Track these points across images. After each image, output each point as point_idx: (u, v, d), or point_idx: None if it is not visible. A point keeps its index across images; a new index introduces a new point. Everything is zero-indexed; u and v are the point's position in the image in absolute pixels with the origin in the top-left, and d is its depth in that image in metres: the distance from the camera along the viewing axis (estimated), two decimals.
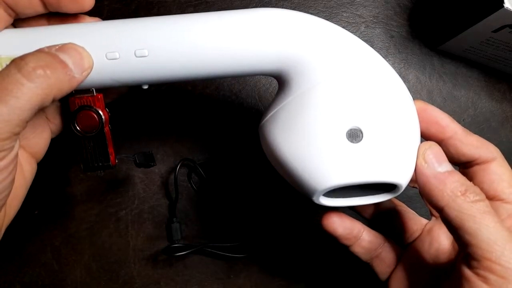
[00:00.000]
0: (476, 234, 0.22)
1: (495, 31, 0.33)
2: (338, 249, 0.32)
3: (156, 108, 0.38)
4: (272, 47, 0.25)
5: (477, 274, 0.22)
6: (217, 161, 0.38)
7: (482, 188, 0.25)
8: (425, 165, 0.24)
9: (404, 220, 0.31)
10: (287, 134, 0.25)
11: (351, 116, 0.24)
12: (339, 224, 0.29)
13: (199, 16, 0.25)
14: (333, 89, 0.25)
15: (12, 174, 0.23)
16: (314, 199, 0.25)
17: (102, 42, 0.24)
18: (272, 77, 0.28)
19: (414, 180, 0.25)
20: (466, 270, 0.23)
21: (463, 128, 0.27)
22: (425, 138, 0.27)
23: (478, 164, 0.27)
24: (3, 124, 0.21)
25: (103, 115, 0.27)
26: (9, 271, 0.36)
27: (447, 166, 0.24)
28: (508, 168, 0.26)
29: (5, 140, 0.21)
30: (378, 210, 0.32)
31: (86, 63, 0.24)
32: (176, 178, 0.36)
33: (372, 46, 0.34)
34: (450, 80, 0.39)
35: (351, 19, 0.40)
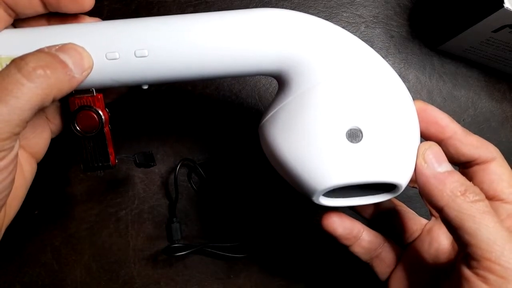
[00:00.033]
0: (476, 234, 0.22)
1: (495, 31, 0.33)
2: (338, 249, 0.32)
3: (156, 108, 0.38)
4: (272, 47, 0.25)
5: (477, 274, 0.22)
6: (217, 161, 0.38)
7: (482, 188, 0.25)
8: (425, 165, 0.24)
9: (404, 220, 0.31)
10: (287, 134, 0.25)
11: (351, 116, 0.24)
12: (339, 224, 0.29)
13: (199, 16, 0.26)
14: (333, 89, 0.25)
15: (12, 174, 0.23)
16: (314, 199, 0.25)
17: (102, 42, 0.24)
18: (272, 77, 0.28)
19: (414, 180, 0.25)
20: (466, 270, 0.23)
21: (463, 128, 0.27)
22: (425, 138, 0.27)
23: (478, 164, 0.27)
24: (3, 124, 0.21)
25: (103, 115, 0.27)
26: (9, 271, 0.36)
27: (447, 166, 0.24)
28: (508, 168, 0.26)
29: (5, 140, 0.21)
30: (378, 210, 0.32)
31: (86, 63, 0.24)
32: (176, 178, 0.36)
33: (372, 46, 0.34)
34: (450, 80, 0.39)
35: (351, 19, 0.40)
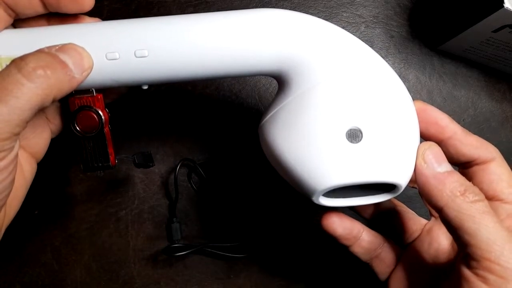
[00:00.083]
0: (475, 234, 0.22)
1: (495, 31, 0.33)
2: (338, 249, 0.32)
3: (156, 108, 0.38)
4: (272, 48, 0.25)
5: (477, 274, 0.22)
6: (217, 161, 0.38)
7: (482, 188, 0.25)
8: (425, 165, 0.24)
9: (404, 220, 0.31)
10: (287, 134, 0.25)
11: (351, 117, 0.24)
12: (339, 224, 0.29)
13: (199, 17, 0.26)
14: (333, 90, 0.25)
15: (12, 174, 0.23)
16: (314, 199, 0.25)
17: (102, 43, 0.24)
18: (272, 77, 0.28)
19: (414, 180, 0.25)
20: (466, 270, 0.23)
21: (463, 129, 0.27)
22: (425, 139, 0.27)
23: (478, 164, 0.27)
24: (3, 124, 0.21)
25: (103, 116, 0.27)
26: (9, 271, 0.36)
27: (447, 166, 0.24)
28: (507, 168, 0.26)
29: (5, 140, 0.21)
30: (378, 210, 0.32)
31: (86, 64, 0.24)
32: (176, 178, 0.36)
33: (372, 46, 0.34)
34: (450, 80, 0.39)
35: (351, 19, 0.40)
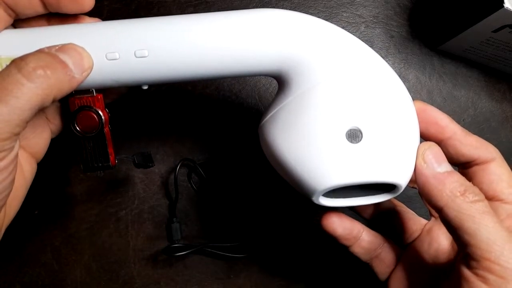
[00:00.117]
0: (475, 234, 0.22)
1: (495, 31, 0.33)
2: (338, 249, 0.32)
3: (156, 108, 0.38)
4: (272, 48, 0.25)
5: (476, 274, 0.22)
6: (217, 161, 0.38)
7: (481, 189, 0.25)
8: (425, 165, 0.24)
9: (404, 220, 0.31)
10: (287, 135, 0.25)
11: (351, 117, 0.24)
12: (339, 225, 0.29)
13: (199, 17, 0.26)
14: (333, 90, 0.25)
15: (12, 174, 0.23)
16: (314, 199, 0.25)
17: (102, 43, 0.24)
18: (272, 77, 0.28)
19: (414, 180, 0.25)
20: (465, 270, 0.23)
21: (462, 129, 0.27)
22: (425, 139, 0.27)
23: (477, 165, 0.27)
24: (3, 124, 0.21)
25: (103, 116, 0.27)
26: (9, 271, 0.36)
27: (447, 167, 0.24)
28: (507, 169, 0.26)
29: (5, 141, 0.21)
30: (378, 211, 0.32)
31: (86, 64, 0.24)
32: (176, 178, 0.36)
33: (372, 46, 0.34)
34: (450, 80, 0.39)
35: (351, 19, 0.40)
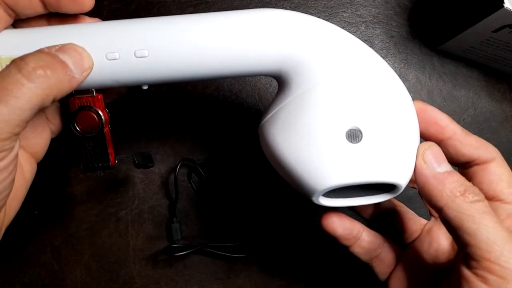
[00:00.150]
0: (475, 234, 0.22)
1: (495, 31, 0.33)
2: (338, 249, 0.32)
3: (156, 108, 0.38)
4: (272, 48, 0.25)
5: (476, 274, 0.22)
6: (217, 161, 0.38)
7: (481, 189, 0.25)
8: (424, 165, 0.24)
9: (404, 221, 0.31)
10: (287, 135, 0.25)
11: (351, 117, 0.24)
12: (339, 225, 0.29)
13: (199, 17, 0.26)
14: (333, 90, 0.25)
15: (12, 174, 0.23)
16: (314, 199, 0.25)
17: (102, 43, 0.24)
18: (272, 78, 0.28)
19: (414, 181, 0.25)
20: (465, 270, 0.23)
21: (462, 129, 0.27)
22: (425, 139, 0.27)
23: (477, 165, 0.27)
24: (3, 124, 0.21)
25: (103, 116, 0.27)
26: (9, 271, 0.36)
27: (446, 167, 0.24)
28: (507, 169, 0.26)
29: (5, 141, 0.21)
30: (378, 211, 0.32)
31: (86, 64, 0.24)
32: (176, 178, 0.36)
33: (372, 46, 0.34)
34: (450, 80, 0.39)
35: (351, 19, 0.40)
